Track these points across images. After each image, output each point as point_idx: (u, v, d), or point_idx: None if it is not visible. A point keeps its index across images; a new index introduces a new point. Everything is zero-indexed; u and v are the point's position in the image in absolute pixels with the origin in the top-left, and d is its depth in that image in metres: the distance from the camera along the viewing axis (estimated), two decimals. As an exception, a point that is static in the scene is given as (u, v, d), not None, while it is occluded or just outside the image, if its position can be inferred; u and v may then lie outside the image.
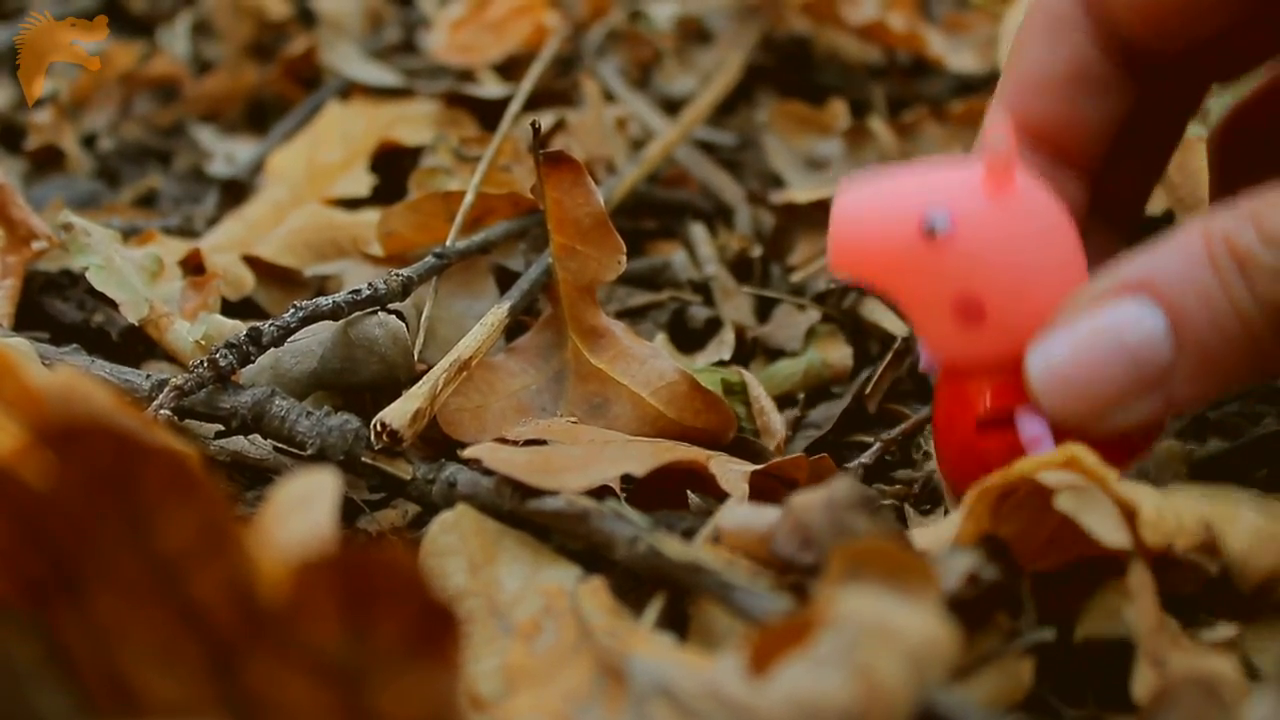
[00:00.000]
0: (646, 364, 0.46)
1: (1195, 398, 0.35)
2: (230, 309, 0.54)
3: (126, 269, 0.51)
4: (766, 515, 0.34)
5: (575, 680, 0.29)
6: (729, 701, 0.25)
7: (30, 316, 0.54)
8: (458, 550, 0.36)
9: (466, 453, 0.40)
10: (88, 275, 0.50)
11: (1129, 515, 0.33)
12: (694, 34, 0.82)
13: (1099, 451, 0.35)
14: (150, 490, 0.20)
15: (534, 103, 0.69)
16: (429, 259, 0.50)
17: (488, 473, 0.38)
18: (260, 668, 0.21)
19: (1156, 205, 0.54)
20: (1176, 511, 0.34)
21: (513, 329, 0.50)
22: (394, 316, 0.47)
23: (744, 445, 0.47)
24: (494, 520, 0.38)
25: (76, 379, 0.23)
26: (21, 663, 0.21)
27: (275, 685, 0.21)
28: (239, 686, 0.21)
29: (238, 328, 0.48)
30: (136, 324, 0.50)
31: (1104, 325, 0.35)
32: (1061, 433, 0.37)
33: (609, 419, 0.45)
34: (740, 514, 0.35)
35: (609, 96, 0.72)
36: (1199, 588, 0.35)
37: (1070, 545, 0.36)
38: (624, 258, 0.46)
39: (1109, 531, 0.32)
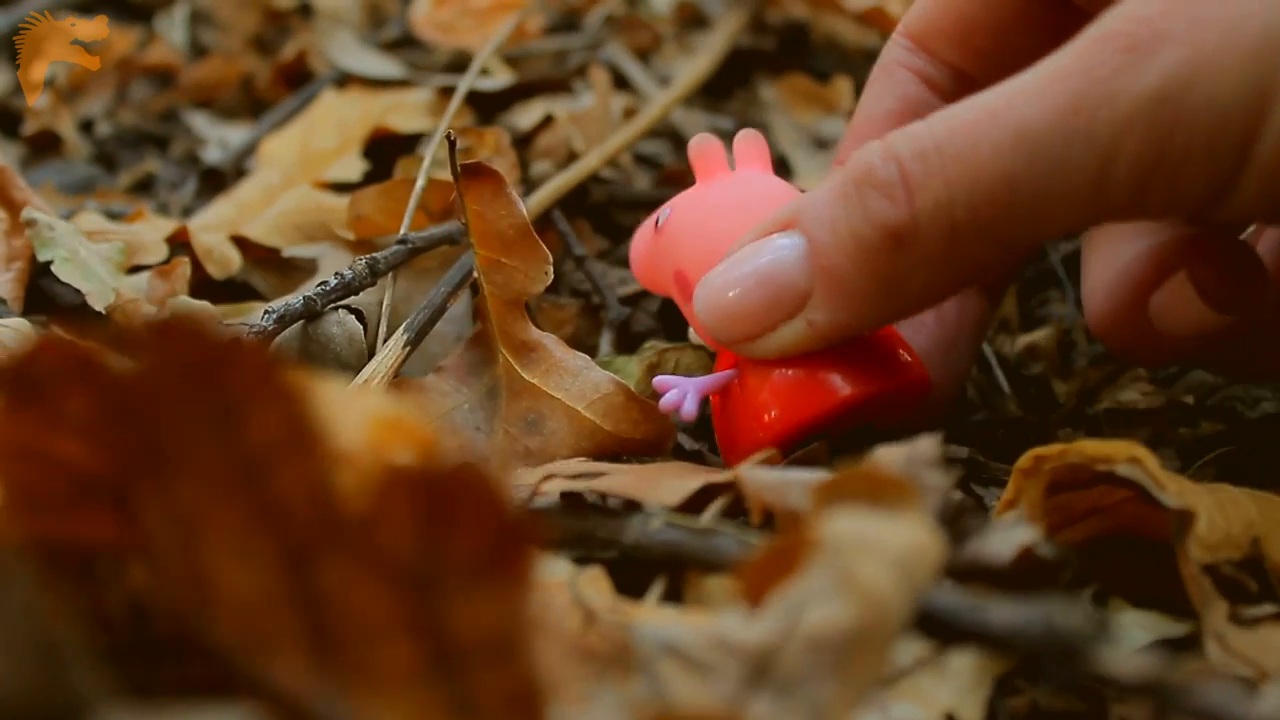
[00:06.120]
0: (580, 376, 0.44)
1: (835, 325, 0.37)
2: (219, 288, 0.54)
3: (91, 260, 0.51)
4: (796, 476, 0.34)
5: (585, 664, 0.29)
6: (736, 647, 0.25)
7: (32, 300, 0.53)
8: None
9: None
10: (53, 268, 0.50)
11: (1186, 521, 0.34)
12: (693, 20, 0.81)
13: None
14: (238, 383, 0.20)
15: (530, 91, 0.69)
16: (396, 246, 0.49)
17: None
18: (334, 569, 0.21)
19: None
20: (1227, 520, 0.34)
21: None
22: (353, 316, 0.46)
23: (682, 453, 0.45)
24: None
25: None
26: (63, 641, 0.20)
27: (347, 588, 0.21)
28: (311, 586, 0.22)
29: (206, 308, 0.47)
30: (104, 311, 0.49)
31: (751, 253, 0.38)
32: (751, 388, 0.39)
33: (545, 435, 0.44)
34: (766, 474, 0.35)
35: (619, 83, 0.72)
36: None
37: (1105, 519, 0.36)
38: (550, 268, 0.44)
39: (1169, 497, 0.33)
